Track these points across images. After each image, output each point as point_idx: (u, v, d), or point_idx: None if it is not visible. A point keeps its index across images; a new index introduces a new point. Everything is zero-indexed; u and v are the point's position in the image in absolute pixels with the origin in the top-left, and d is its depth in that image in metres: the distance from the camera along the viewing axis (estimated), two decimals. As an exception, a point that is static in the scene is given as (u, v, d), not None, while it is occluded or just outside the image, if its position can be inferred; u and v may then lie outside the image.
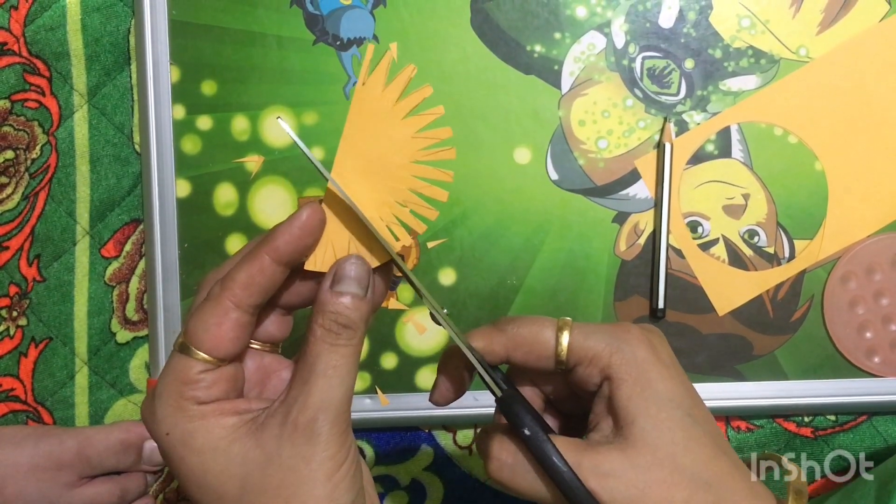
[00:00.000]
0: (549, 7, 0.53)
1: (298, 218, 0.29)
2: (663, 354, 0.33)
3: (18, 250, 0.55)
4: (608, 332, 0.33)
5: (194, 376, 0.29)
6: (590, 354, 0.32)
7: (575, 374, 0.33)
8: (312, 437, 0.28)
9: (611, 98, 0.53)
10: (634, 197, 0.53)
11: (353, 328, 0.30)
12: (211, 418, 0.29)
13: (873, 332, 0.53)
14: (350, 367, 0.29)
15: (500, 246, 0.54)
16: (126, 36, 0.55)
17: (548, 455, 0.31)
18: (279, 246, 0.29)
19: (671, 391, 0.32)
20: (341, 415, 0.29)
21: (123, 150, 0.55)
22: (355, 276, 0.30)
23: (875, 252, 0.53)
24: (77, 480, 0.47)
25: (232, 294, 0.29)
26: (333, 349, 0.29)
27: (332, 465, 0.28)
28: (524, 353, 0.33)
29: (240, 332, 0.30)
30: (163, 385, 0.30)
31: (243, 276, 0.29)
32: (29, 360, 0.55)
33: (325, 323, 0.29)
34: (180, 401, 0.29)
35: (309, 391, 0.28)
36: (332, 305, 0.29)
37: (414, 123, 0.30)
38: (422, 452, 0.55)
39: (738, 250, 0.53)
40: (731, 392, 0.53)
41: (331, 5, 0.53)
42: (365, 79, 0.30)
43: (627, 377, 0.31)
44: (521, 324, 0.33)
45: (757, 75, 0.53)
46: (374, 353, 0.54)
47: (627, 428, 0.31)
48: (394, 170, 0.31)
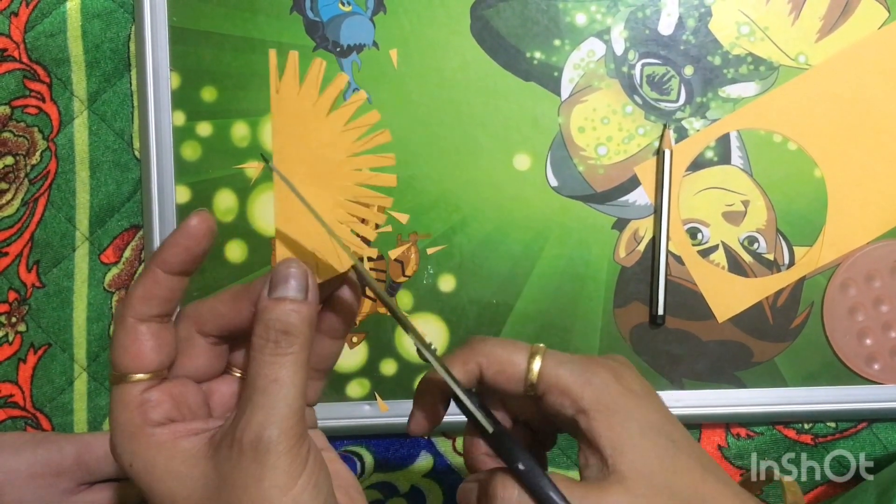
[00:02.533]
0: (549, 14, 0.53)
1: (184, 228, 0.29)
2: (634, 385, 0.33)
3: (18, 256, 0.55)
4: (580, 364, 0.33)
5: (137, 398, 0.29)
6: (561, 384, 0.32)
7: (545, 402, 0.33)
8: (259, 457, 0.27)
9: (610, 105, 0.53)
10: (634, 203, 0.53)
11: (293, 334, 0.29)
12: (168, 444, 0.29)
13: (873, 339, 0.53)
14: (293, 378, 0.28)
15: (500, 252, 0.54)
16: (126, 42, 0.55)
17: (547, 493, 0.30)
18: (167, 258, 0.30)
19: (649, 419, 0.32)
20: (289, 429, 0.28)
21: (123, 157, 0.55)
22: (291, 280, 0.29)
23: (875, 259, 0.53)
24: (76, 487, 0.47)
25: (133, 310, 0.30)
26: (273, 361, 0.28)
27: (286, 481, 0.27)
28: (495, 372, 0.33)
29: (157, 343, 0.30)
30: (114, 420, 0.30)
31: (140, 290, 0.30)
32: (28, 367, 0.55)
33: (262, 332, 0.29)
34: (134, 429, 0.29)
35: (252, 410, 0.28)
36: (269, 312, 0.29)
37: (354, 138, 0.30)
38: (421, 459, 0.55)
39: (737, 257, 0.53)
40: (730, 399, 0.53)
41: (331, 12, 0.54)
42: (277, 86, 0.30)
43: (604, 409, 0.32)
44: (494, 344, 0.34)
45: (756, 82, 0.53)
46: (374, 360, 0.54)
47: (617, 460, 0.31)
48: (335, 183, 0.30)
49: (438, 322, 0.54)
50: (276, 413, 0.28)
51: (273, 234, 0.54)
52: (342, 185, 0.30)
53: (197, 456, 0.29)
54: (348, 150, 0.30)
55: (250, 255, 0.54)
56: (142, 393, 0.30)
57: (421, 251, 0.53)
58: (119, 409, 0.30)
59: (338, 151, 0.30)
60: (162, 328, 0.30)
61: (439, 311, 0.54)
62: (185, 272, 0.30)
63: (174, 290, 0.30)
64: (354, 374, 0.54)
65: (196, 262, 0.30)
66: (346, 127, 0.30)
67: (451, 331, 0.54)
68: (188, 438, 0.29)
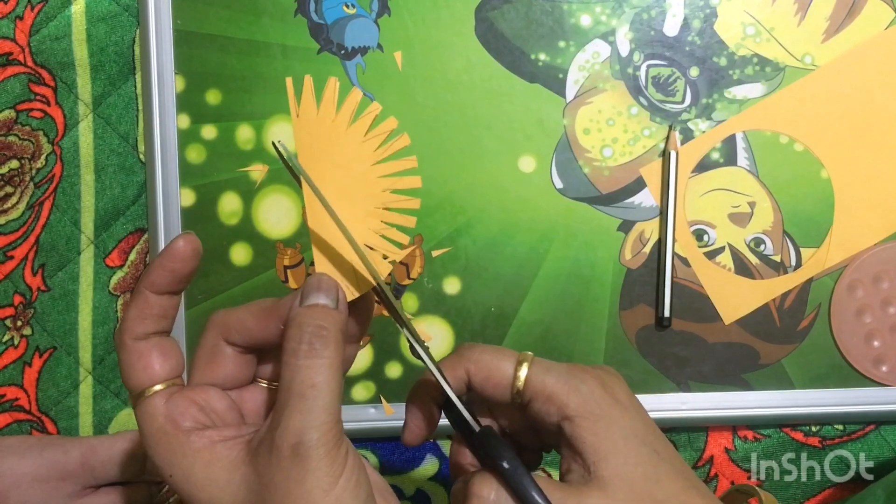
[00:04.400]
0: (554, 16, 0.53)
1: (170, 251, 0.30)
2: (620, 395, 0.33)
3: (23, 260, 0.55)
4: (566, 372, 0.33)
5: (162, 408, 0.30)
6: (547, 391, 0.33)
7: (531, 409, 0.33)
8: (299, 461, 0.28)
9: (615, 106, 0.53)
10: (640, 205, 0.53)
11: (327, 338, 0.29)
12: (205, 451, 0.29)
13: (881, 341, 0.53)
14: (329, 383, 0.29)
15: (505, 255, 0.53)
16: (131, 45, 0.55)
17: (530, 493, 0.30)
18: (154, 280, 0.30)
19: (634, 429, 0.32)
20: (328, 432, 0.28)
21: (128, 160, 0.55)
22: (323, 289, 0.30)
23: (882, 260, 0.53)
24: (81, 491, 0.47)
25: (130, 332, 0.31)
26: (309, 365, 0.29)
27: (328, 481, 0.28)
28: (483, 378, 0.33)
29: (162, 353, 0.31)
30: (145, 435, 0.30)
31: (133, 312, 0.31)
32: (33, 370, 0.55)
33: (296, 335, 0.29)
34: (167, 438, 0.30)
35: (289, 415, 0.28)
36: (302, 317, 0.29)
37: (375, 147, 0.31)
38: (426, 463, 0.55)
39: (744, 258, 0.53)
40: (737, 401, 0.53)
41: (335, 14, 0.53)
42: (297, 110, 0.31)
43: (589, 415, 0.32)
44: (483, 350, 0.34)
45: (762, 83, 0.53)
46: (379, 363, 0.54)
47: (599, 466, 0.31)
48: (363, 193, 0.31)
49: (443, 325, 0.54)
50: (315, 418, 0.28)
51: (277, 238, 0.54)
52: (371, 194, 0.31)
53: (236, 461, 0.29)
54: (371, 160, 0.31)
55: (255, 257, 0.54)
56: (165, 403, 0.30)
57: (426, 253, 0.53)
58: (148, 423, 0.30)
59: (362, 162, 0.31)
60: (162, 340, 0.31)
61: (444, 313, 0.53)
62: (174, 292, 0.31)
63: (166, 307, 0.31)
64: (360, 377, 0.54)
65: (183, 282, 0.31)
66: (366, 137, 0.31)
67: (455, 333, 0.54)
68: (224, 443, 0.29)
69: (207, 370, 0.32)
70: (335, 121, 0.31)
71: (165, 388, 0.31)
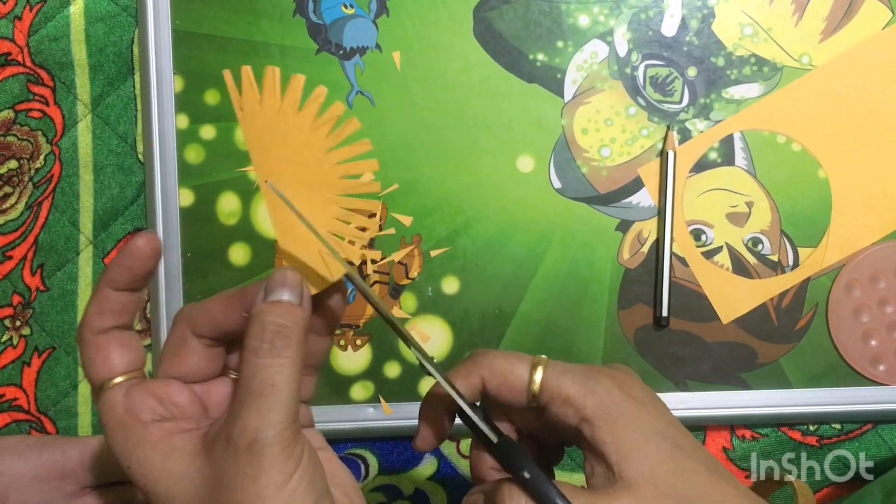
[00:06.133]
0: (552, 16, 0.53)
1: (129, 249, 0.31)
2: (636, 392, 0.33)
3: (22, 260, 0.55)
4: (581, 373, 0.33)
5: (121, 400, 0.30)
6: (563, 394, 0.32)
7: (549, 412, 0.33)
8: (254, 458, 0.28)
9: (613, 106, 0.53)
10: (638, 205, 0.53)
11: (288, 336, 0.29)
12: (161, 443, 0.29)
13: (878, 341, 0.53)
14: (289, 383, 0.29)
15: (504, 255, 0.53)
16: (129, 46, 0.55)
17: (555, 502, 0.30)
18: (113, 277, 0.31)
19: (654, 425, 0.32)
20: (284, 430, 0.28)
21: (127, 160, 0.55)
22: (287, 284, 0.30)
23: (879, 260, 0.53)
24: (80, 490, 0.47)
25: (89, 327, 0.31)
26: (269, 364, 0.29)
27: (280, 479, 0.28)
28: (498, 384, 0.33)
29: (121, 346, 0.31)
30: (105, 426, 0.31)
31: (93, 308, 0.31)
32: (32, 370, 0.55)
33: (258, 333, 0.29)
34: (125, 430, 0.30)
35: (247, 413, 0.28)
36: (264, 314, 0.29)
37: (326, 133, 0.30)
38: (425, 462, 0.55)
39: (741, 258, 0.53)
40: (735, 400, 0.53)
41: (334, 15, 0.54)
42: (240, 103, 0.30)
43: (607, 416, 0.32)
44: (497, 356, 0.34)
45: (760, 83, 0.53)
46: (377, 362, 0.54)
47: (622, 466, 0.31)
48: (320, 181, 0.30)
49: (442, 325, 0.54)
50: (272, 417, 0.28)
51: (276, 238, 0.54)
52: (328, 182, 0.30)
53: (192, 453, 0.29)
54: (324, 146, 0.30)
55: (254, 257, 0.54)
56: (124, 395, 0.31)
57: (424, 254, 0.53)
58: (108, 414, 0.31)
59: (315, 150, 0.30)
60: (122, 334, 0.32)
61: (443, 314, 0.54)
62: (133, 289, 0.31)
63: (125, 303, 0.31)
64: (358, 376, 0.54)
65: (141, 280, 0.31)
66: (316, 124, 0.30)
67: (454, 333, 0.54)
68: (181, 435, 0.30)
69: (173, 363, 0.32)
70: (280, 110, 0.30)
71: (125, 381, 0.31)
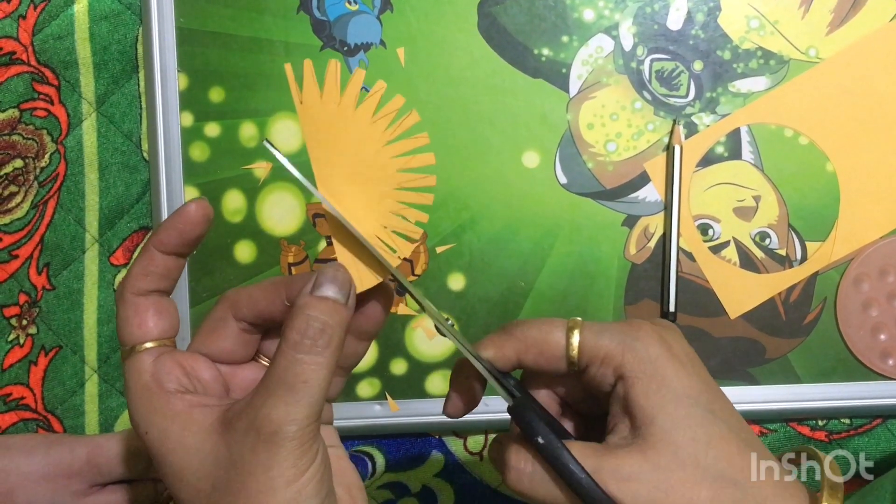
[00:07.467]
0: (557, 10, 0.53)
1: (181, 212, 0.31)
2: (677, 350, 0.32)
3: (28, 259, 0.55)
4: (620, 330, 0.32)
5: (149, 365, 0.31)
6: (601, 353, 0.32)
7: (588, 375, 0.32)
8: (273, 448, 0.28)
9: (619, 101, 0.53)
10: (644, 200, 0.53)
11: (329, 334, 0.29)
12: (182, 414, 0.30)
13: (887, 335, 0.53)
14: (321, 382, 0.28)
15: (510, 250, 0.53)
16: (134, 44, 0.55)
17: (564, 462, 0.30)
18: (163, 238, 0.31)
19: (688, 387, 0.31)
20: (306, 427, 0.28)
21: (132, 158, 0.55)
22: (336, 282, 0.30)
23: (888, 254, 0.53)
24: (87, 489, 0.47)
25: (131, 286, 0.31)
26: (307, 360, 0.28)
27: (293, 473, 0.28)
28: (535, 354, 0.33)
29: (158, 311, 0.31)
30: (129, 389, 0.31)
31: (137, 268, 0.31)
32: (39, 369, 0.55)
33: (300, 327, 0.29)
34: (150, 395, 0.30)
35: (274, 403, 0.28)
36: (310, 308, 0.29)
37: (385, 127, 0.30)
38: (432, 459, 0.55)
39: (749, 253, 0.53)
40: (743, 396, 0.53)
41: (338, 11, 0.53)
42: (300, 97, 0.30)
43: (642, 375, 0.31)
44: (530, 326, 0.33)
45: (766, 76, 0.53)
46: (384, 359, 0.54)
47: (646, 428, 0.30)
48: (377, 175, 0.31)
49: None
50: (298, 412, 0.28)
51: (281, 235, 0.54)
52: (384, 176, 0.31)
53: (209, 430, 0.29)
54: (382, 140, 0.30)
55: (259, 255, 0.54)
56: (153, 361, 0.31)
57: (430, 250, 0.53)
58: (133, 378, 0.31)
59: (373, 143, 0.30)
60: (161, 299, 0.32)
61: (449, 309, 0.53)
62: (180, 253, 0.31)
63: (170, 268, 0.31)
64: (365, 373, 0.54)
65: (190, 244, 0.31)
66: (375, 118, 0.30)
67: (460, 329, 0.54)
68: (202, 409, 0.30)
69: (207, 340, 0.32)
70: (340, 104, 0.30)
71: (156, 347, 0.31)
